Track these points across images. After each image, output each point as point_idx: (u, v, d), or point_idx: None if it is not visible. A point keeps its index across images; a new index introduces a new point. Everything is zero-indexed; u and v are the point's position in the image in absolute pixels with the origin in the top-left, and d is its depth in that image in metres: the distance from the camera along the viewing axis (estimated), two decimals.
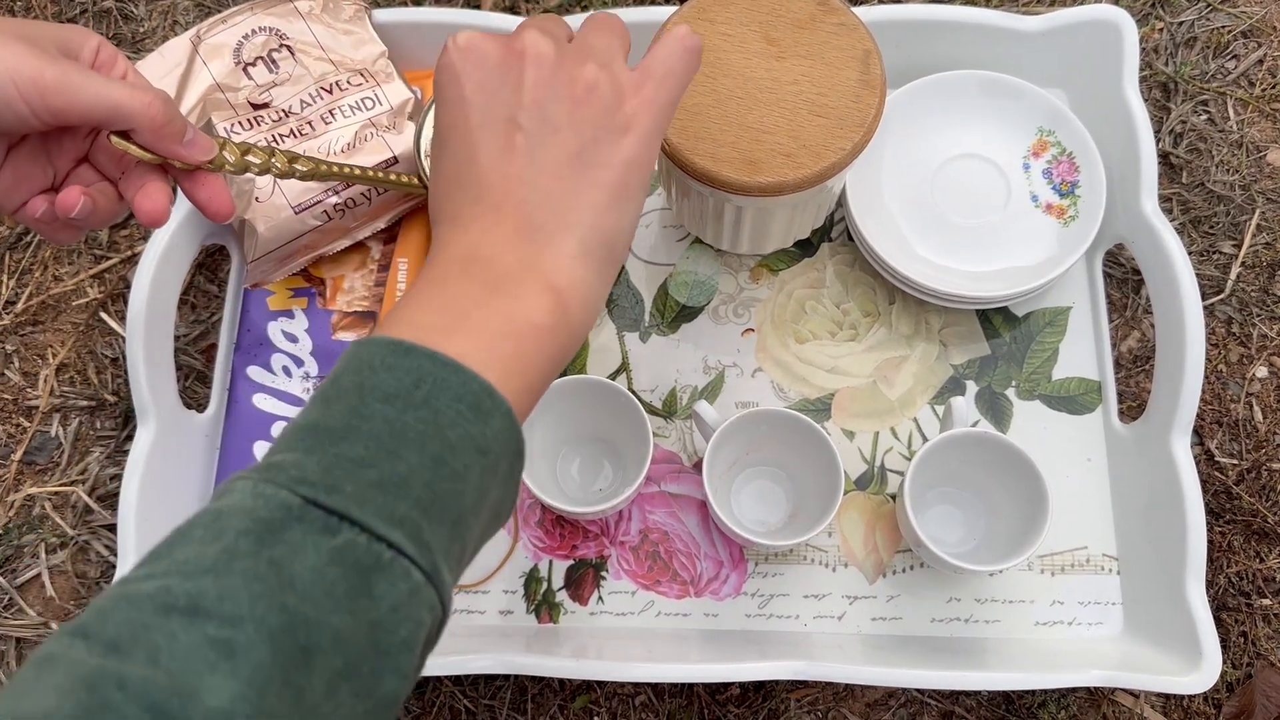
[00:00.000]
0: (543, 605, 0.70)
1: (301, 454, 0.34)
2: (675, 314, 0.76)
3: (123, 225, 0.81)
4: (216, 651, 0.29)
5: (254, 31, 0.76)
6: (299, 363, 0.73)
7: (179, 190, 0.52)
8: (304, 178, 0.54)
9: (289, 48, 0.75)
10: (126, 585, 0.31)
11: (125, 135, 0.47)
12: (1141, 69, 0.81)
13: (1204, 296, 0.76)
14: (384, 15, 0.77)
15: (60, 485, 0.75)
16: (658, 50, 0.44)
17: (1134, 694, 0.69)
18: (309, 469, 0.33)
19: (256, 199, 0.72)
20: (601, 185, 0.41)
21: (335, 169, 0.57)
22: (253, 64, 0.75)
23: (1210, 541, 0.70)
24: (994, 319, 0.75)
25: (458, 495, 0.35)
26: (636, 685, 0.70)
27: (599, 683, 0.70)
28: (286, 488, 0.32)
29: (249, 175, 0.72)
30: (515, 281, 0.39)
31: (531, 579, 0.70)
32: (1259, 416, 0.74)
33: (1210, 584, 0.70)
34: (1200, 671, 0.62)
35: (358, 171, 0.62)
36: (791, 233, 0.73)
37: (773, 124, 0.63)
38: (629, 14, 0.75)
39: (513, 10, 0.85)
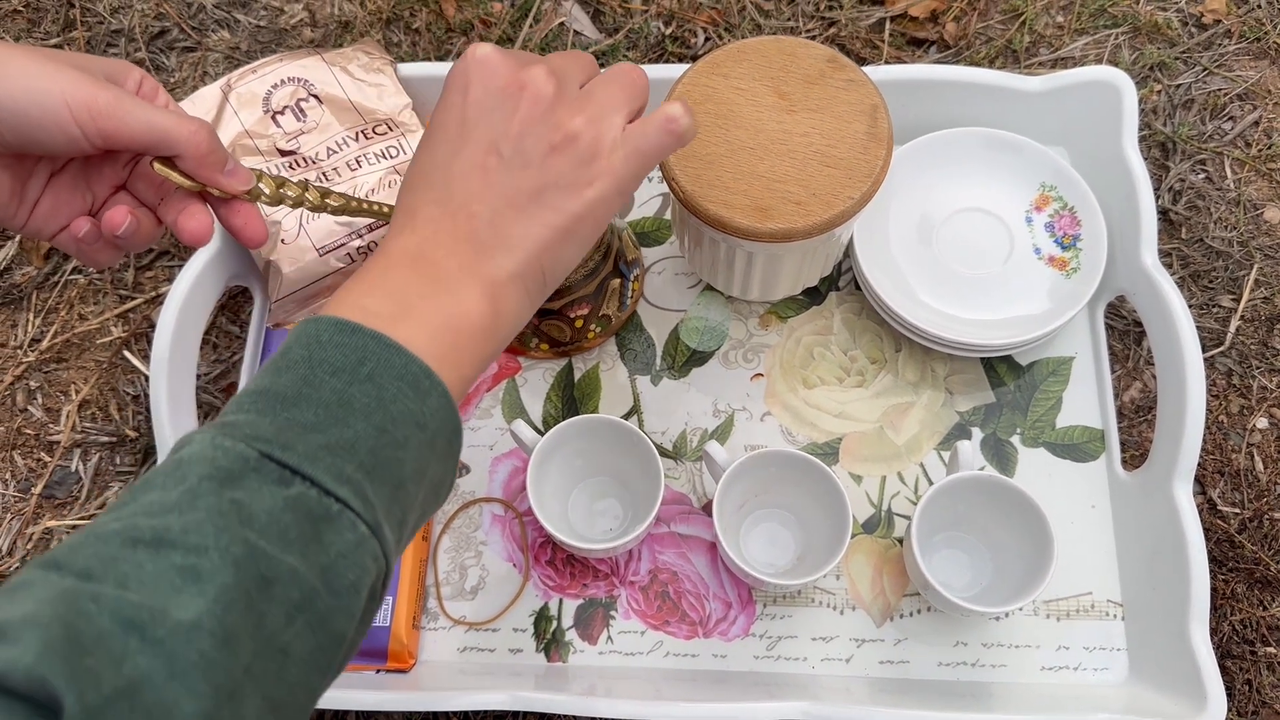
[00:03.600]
0: (552, 644, 0.71)
1: (255, 415, 0.37)
2: (686, 358, 0.78)
3: (148, 267, 0.84)
4: (183, 577, 0.31)
5: (282, 81, 0.78)
6: None
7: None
8: (335, 212, 0.56)
9: (316, 97, 0.78)
10: (94, 526, 0.33)
11: (168, 162, 0.49)
12: (1141, 129, 0.84)
13: (1204, 349, 0.78)
14: (409, 69, 0.80)
15: (79, 519, 0.76)
16: (644, 124, 0.47)
17: None
18: (263, 428, 0.36)
19: (282, 240, 0.74)
20: (549, 225, 0.45)
21: (366, 205, 0.59)
22: (281, 112, 0.77)
23: (1213, 589, 0.71)
24: (999, 367, 0.77)
25: (398, 463, 0.38)
26: None
27: None
28: (243, 441, 0.35)
29: (276, 220, 0.74)
30: (457, 283, 0.43)
31: (541, 617, 0.71)
32: (1260, 466, 0.75)
33: (1214, 632, 0.71)
34: (1205, 715, 0.62)
35: (387, 209, 0.64)
36: (800, 280, 0.74)
37: (784, 173, 0.66)
38: (645, 71, 0.78)
39: None
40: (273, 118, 0.77)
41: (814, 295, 0.79)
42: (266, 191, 0.53)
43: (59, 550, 0.33)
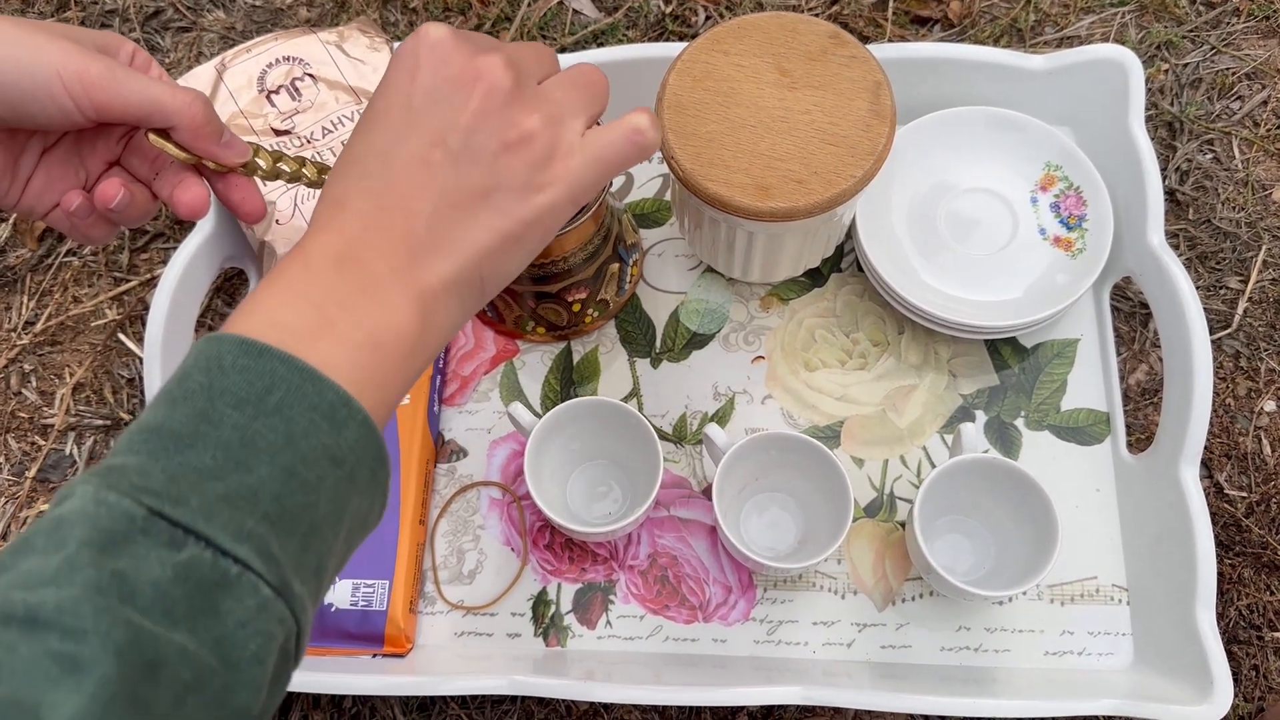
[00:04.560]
0: (550, 628, 0.70)
1: (145, 458, 0.33)
2: (686, 341, 0.77)
3: (143, 249, 0.83)
4: (60, 666, 0.28)
5: (277, 60, 0.77)
6: None
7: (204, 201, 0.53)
8: None
9: (311, 76, 0.77)
10: None
11: (162, 134, 0.48)
12: (1147, 109, 0.82)
13: (1211, 331, 0.77)
14: None
15: None
16: (607, 131, 0.44)
17: None
18: (154, 476, 0.32)
19: (277, 221, 0.73)
20: (495, 230, 0.41)
21: None
22: (276, 92, 0.76)
23: (1220, 574, 0.70)
24: (1003, 350, 0.76)
25: (310, 507, 0.34)
26: (644, 712, 0.69)
27: (605, 708, 0.69)
28: (130, 496, 0.31)
29: (271, 200, 0.73)
30: (385, 289, 0.39)
31: (540, 602, 0.70)
32: (1268, 450, 0.74)
33: (1221, 617, 0.70)
34: (1211, 701, 0.61)
35: None
36: (802, 262, 0.73)
37: (785, 151, 0.64)
38: (645, 49, 0.77)
39: (535, 40, 0.87)
40: (267, 97, 0.76)
41: (816, 277, 0.78)
42: (263, 166, 0.52)
43: None
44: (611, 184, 0.66)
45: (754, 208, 0.64)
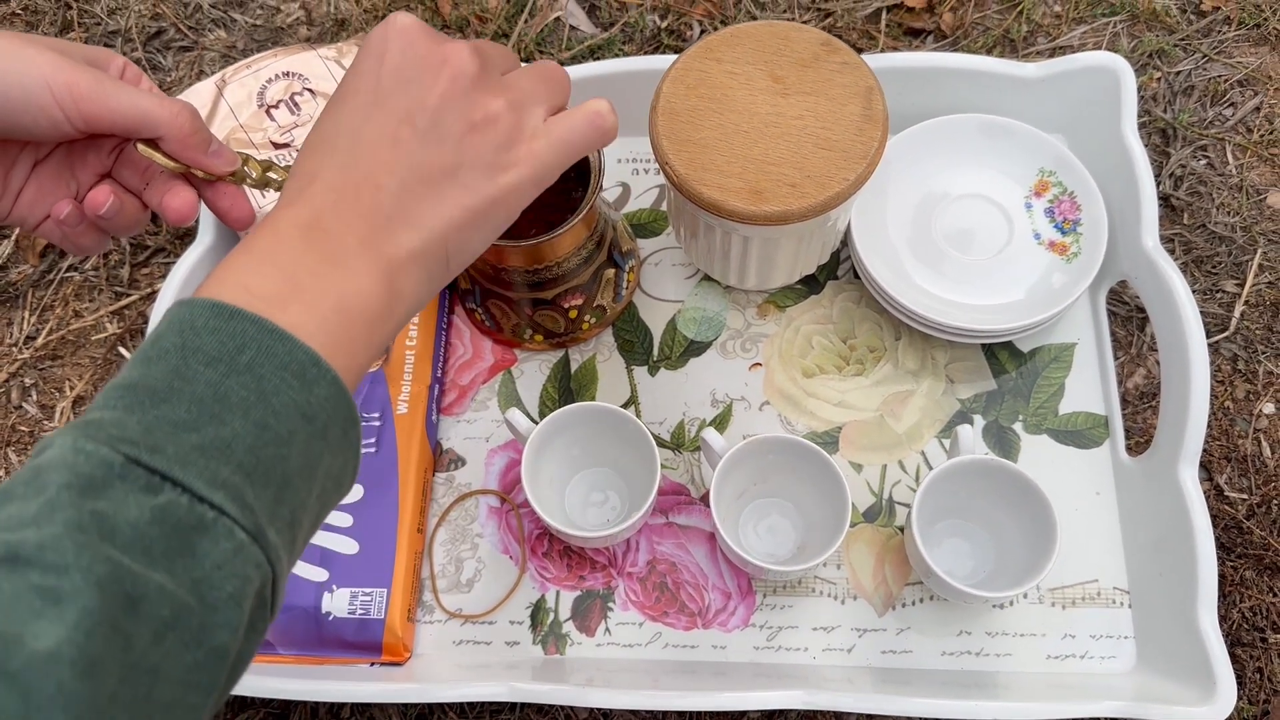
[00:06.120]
0: (549, 636, 0.70)
1: (122, 412, 0.34)
2: (684, 349, 0.77)
3: (144, 264, 0.83)
4: (42, 599, 0.29)
5: (277, 76, 0.78)
6: None
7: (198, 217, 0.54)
8: None
9: (310, 90, 0.78)
10: None
11: (151, 144, 0.48)
12: (1140, 116, 0.83)
13: (1209, 334, 0.77)
14: None
15: None
16: (569, 115, 0.46)
17: None
18: (130, 427, 0.33)
19: None
20: (461, 205, 0.42)
21: None
22: (275, 106, 0.77)
23: (1222, 576, 0.70)
24: (1000, 355, 0.76)
25: (282, 459, 0.35)
26: (644, 719, 0.69)
27: (605, 715, 0.69)
28: (107, 444, 0.32)
29: (267, 212, 0.74)
30: (352, 259, 0.40)
31: (538, 609, 0.70)
32: (1267, 452, 0.74)
33: (1224, 619, 0.69)
34: (1214, 703, 0.61)
35: None
36: (797, 268, 0.74)
37: (778, 156, 0.65)
38: (640, 62, 0.78)
39: (528, 59, 0.88)
40: (267, 112, 0.77)
41: (812, 284, 0.79)
42: (253, 175, 0.53)
43: None
44: (604, 187, 0.67)
45: (748, 211, 0.64)
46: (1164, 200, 0.81)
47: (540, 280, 0.71)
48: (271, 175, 0.54)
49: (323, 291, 0.38)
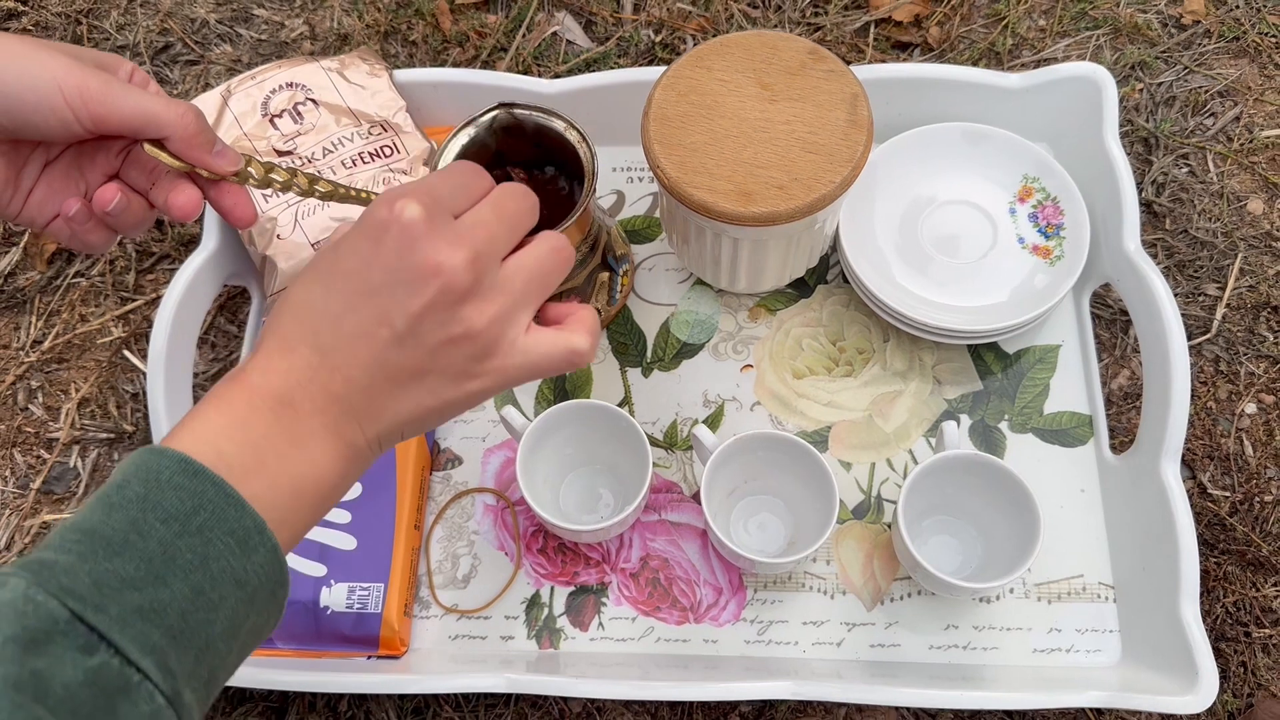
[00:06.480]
0: (544, 631, 0.71)
1: (76, 559, 0.35)
2: (676, 351, 0.79)
3: (149, 270, 0.85)
4: None
5: (281, 86, 0.80)
6: None
7: (203, 222, 0.55)
8: (323, 197, 0.57)
9: (313, 100, 0.80)
10: None
11: (157, 144, 0.50)
12: (1122, 125, 0.85)
13: (1191, 336, 0.78)
14: (404, 75, 0.82)
15: (75, 513, 0.76)
16: (550, 343, 0.46)
17: None
18: (80, 578, 0.35)
19: (279, 236, 0.75)
20: (423, 406, 0.44)
21: (352, 192, 0.60)
22: (279, 115, 0.79)
23: (1206, 572, 0.71)
24: (986, 356, 0.77)
25: (208, 624, 0.37)
26: (636, 714, 0.70)
27: (599, 710, 0.70)
28: (57, 596, 0.34)
29: (273, 216, 0.76)
30: (315, 443, 0.42)
31: (533, 605, 0.71)
32: (1249, 451, 0.75)
33: (1207, 615, 0.70)
34: (1197, 692, 0.62)
35: (372, 196, 0.66)
36: (787, 271, 0.76)
37: (766, 160, 0.67)
38: (635, 74, 0.80)
39: (525, 72, 0.90)
40: (271, 121, 0.79)
41: (802, 288, 0.80)
42: (255, 175, 0.55)
43: None
44: (596, 190, 0.69)
45: (737, 213, 0.66)
46: (1146, 206, 0.83)
47: None
48: (273, 176, 0.56)
49: (283, 471, 0.40)
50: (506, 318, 0.44)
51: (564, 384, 0.78)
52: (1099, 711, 0.69)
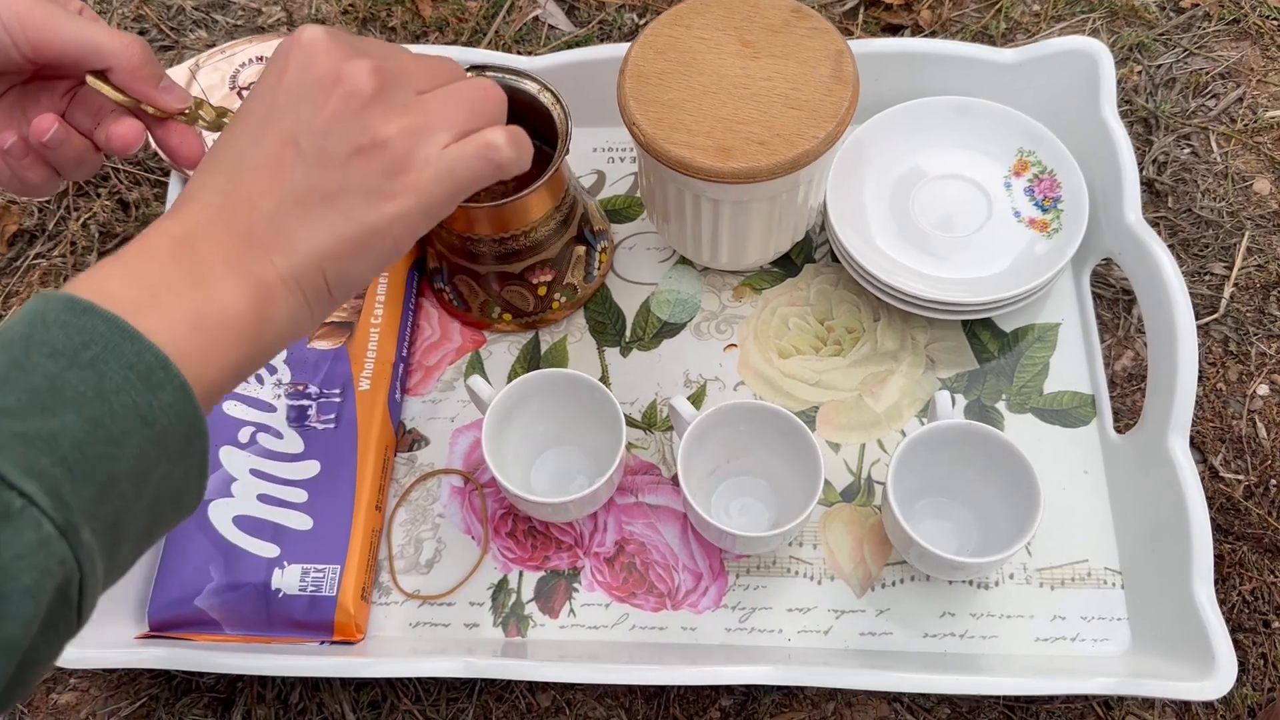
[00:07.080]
0: (511, 618, 0.66)
1: None
2: (657, 330, 0.75)
3: (111, 251, 0.82)
4: None
5: (250, 61, 0.78)
6: (272, 370, 0.72)
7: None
8: None
9: None
10: None
11: (101, 76, 0.48)
12: (1121, 105, 0.82)
13: (1198, 316, 0.74)
14: None
15: None
16: (461, 145, 0.42)
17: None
18: None
19: None
20: (338, 234, 0.40)
21: None
22: (247, 88, 0.77)
23: (1220, 557, 0.66)
24: (981, 334, 0.74)
25: (110, 459, 0.34)
26: (609, 708, 0.65)
27: (568, 703, 0.65)
28: None
29: None
30: (219, 277, 0.39)
31: (500, 590, 0.67)
32: (1263, 433, 0.71)
33: (1224, 603, 0.66)
34: (1214, 677, 0.57)
35: None
36: (770, 244, 0.72)
37: (747, 116, 0.64)
38: (608, 50, 0.77)
39: (510, 49, 0.88)
40: (239, 94, 0.77)
41: (789, 268, 0.77)
42: (206, 118, 0.52)
43: None
44: (570, 150, 0.66)
45: (715, 168, 0.63)
46: (1148, 185, 0.80)
47: (508, 251, 0.69)
48: (225, 121, 0.53)
49: (181, 306, 0.37)
50: (421, 131, 0.41)
51: (539, 364, 0.74)
52: (1108, 706, 0.64)
